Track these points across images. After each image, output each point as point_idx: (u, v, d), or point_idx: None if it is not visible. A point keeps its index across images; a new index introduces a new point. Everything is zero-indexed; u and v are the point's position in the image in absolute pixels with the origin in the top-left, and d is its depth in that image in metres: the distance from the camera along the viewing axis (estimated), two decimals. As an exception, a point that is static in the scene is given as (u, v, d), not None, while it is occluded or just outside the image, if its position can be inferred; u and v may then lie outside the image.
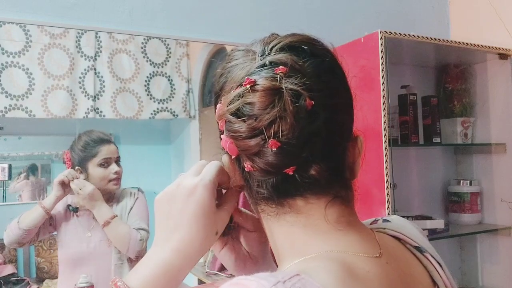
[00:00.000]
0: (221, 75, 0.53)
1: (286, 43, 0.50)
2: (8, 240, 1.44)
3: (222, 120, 0.49)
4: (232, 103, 0.47)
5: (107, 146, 1.55)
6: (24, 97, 1.50)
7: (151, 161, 1.86)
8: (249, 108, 0.46)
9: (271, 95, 0.46)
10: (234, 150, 0.48)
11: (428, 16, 2.23)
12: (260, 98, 0.46)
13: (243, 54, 0.52)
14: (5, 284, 1.58)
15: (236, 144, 0.48)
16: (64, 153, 1.58)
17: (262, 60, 0.49)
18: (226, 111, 0.48)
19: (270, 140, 0.45)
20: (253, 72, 0.48)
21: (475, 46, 1.87)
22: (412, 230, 0.58)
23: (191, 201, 0.53)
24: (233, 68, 0.51)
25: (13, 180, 1.66)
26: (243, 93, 0.47)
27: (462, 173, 2.17)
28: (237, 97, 0.47)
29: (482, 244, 2.11)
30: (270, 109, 0.45)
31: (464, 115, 2.08)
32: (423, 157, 2.14)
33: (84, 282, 1.37)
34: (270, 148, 0.45)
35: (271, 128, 0.45)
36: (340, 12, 2.00)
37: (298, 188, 0.49)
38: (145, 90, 1.70)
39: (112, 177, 1.53)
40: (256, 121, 0.46)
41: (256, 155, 0.47)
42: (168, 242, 0.53)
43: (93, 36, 1.60)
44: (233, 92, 0.48)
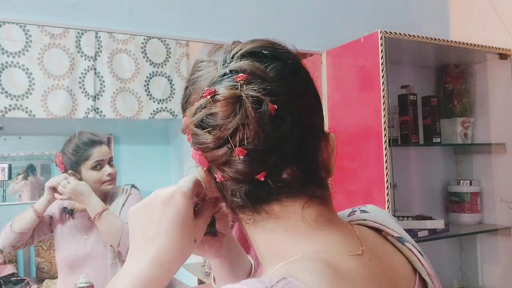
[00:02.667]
0: (186, 87, 0.53)
1: (247, 50, 0.50)
2: (3, 243, 1.43)
3: (188, 133, 0.49)
4: (195, 114, 0.47)
5: (98, 148, 1.52)
6: (24, 97, 1.50)
7: (150, 161, 1.86)
8: (212, 118, 0.46)
9: (232, 104, 0.46)
10: (204, 162, 0.49)
11: (428, 16, 2.23)
12: (221, 108, 0.46)
13: (206, 64, 0.52)
14: (5, 284, 1.58)
15: (205, 155, 0.48)
16: (56, 156, 1.56)
17: (223, 69, 0.49)
18: (190, 123, 0.48)
19: (237, 149, 0.45)
20: (215, 82, 0.48)
21: (475, 46, 1.87)
22: (389, 220, 0.59)
23: (169, 208, 0.51)
24: (197, 79, 0.52)
25: (12, 181, 1.67)
26: (205, 104, 0.47)
27: (462, 173, 2.17)
28: (200, 109, 0.47)
29: (482, 244, 2.11)
30: (232, 118, 0.46)
31: (464, 115, 2.08)
32: (423, 157, 2.14)
33: (84, 282, 1.36)
34: (238, 156, 0.46)
35: (236, 136, 0.45)
36: (340, 12, 2.00)
37: (272, 193, 0.49)
38: (145, 90, 1.70)
39: (106, 179, 1.51)
40: (220, 130, 0.46)
41: (225, 165, 0.47)
42: (146, 252, 0.52)
43: (93, 36, 1.60)
44: (196, 103, 0.48)
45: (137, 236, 0.53)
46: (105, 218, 1.44)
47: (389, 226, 0.57)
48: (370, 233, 0.56)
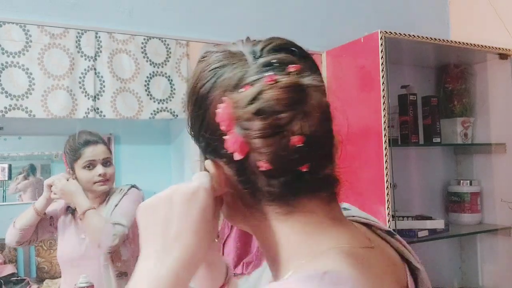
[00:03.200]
0: (205, 79, 0.52)
1: (278, 45, 0.51)
2: (8, 239, 1.47)
3: (231, 120, 0.47)
4: (252, 101, 0.46)
5: (91, 147, 1.51)
6: (24, 97, 1.50)
7: (151, 161, 1.86)
8: (273, 105, 0.45)
9: (296, 91, 0.46)
10: (244, 149, 0.47)
11: (428, 16, 2.23)
12: (284, 95, 0.45)
13: (225, 55, 0.52)
14: (5, 284, 1.58)
15: (252, 142, 0.46)
16: (62, 155, 1.58)
17: (255, 60, 0.49)
18: (243, 111, 0.46)
19: (296, 136, 0.45)
20: (258, 70, 0.48)
21: (475, 46, 1.87)
22: (369, 215, 0.61)
23: (193, 206, 0.49)
24: (220, 70, 0.51)
25: (12, 181, 1.67)
26: (263, 90, 0.46)
27: (462, 173, 2.17)
28: (255, 95, 0.46)
29: (482, 244, 2.11)
30: (296, 105, 0.45)
31: (464, 115, 2.08)
32: (423, 157, 2.14)
33: (84, 282, 1.36)
34: (294, 144, 0.45)
35: (295, 124, 0.45)
36: (340, 12, 2.00)
37: (308, 186, 0.49)
38: (145, 90, 1.70)
39: (97, 180, 1.49)
40: (280, 117, 0.45)
41: (275, 153, 0.46)
42: (170, 253, 0.48)
43: (93, 36, 1.60)
44: (247, 91, 0.47)
45: (156, 235, 0.49)
46: (88, 217, 1.44)
47: (376, 221, 0.59)
48: (363, 227, 0.58)
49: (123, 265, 1.49)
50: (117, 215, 1.49)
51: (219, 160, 0.51)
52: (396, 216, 1.65)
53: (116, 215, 1.48)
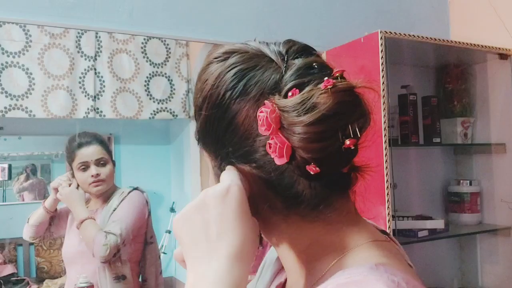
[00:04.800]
0: (230, 81, 0.49)
1: (301, 47, 0.52)
2: (24, 235, 1.55)
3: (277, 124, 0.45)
4: (306, 105, 0.44)
5: (84, 149, 1.52)
6: (24, 97, 1.50)
7: (150, 161, 1.86)
8: (331, 108, 0.44)
9: (353, 95, 0.46)
10: (289, 154, 0.45)
11: (428, 16, 2.23)
12: (342, 99, 0.45)
13: (250, 56, 0.50)
14: (5, 284, 1.58)
15: (302, 147, 0.45)
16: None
17: (286, 63, 0.49)
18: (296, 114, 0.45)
19: (350, 140, 0.45)
20: (299, 74, 0.47)
21: (475, 46, 1.86)
22: None
23: (228, 201, 0.47)
24: (248, 72, 0.49)
25: (13, 180, 1.66)
26: (320, 94, 0.45)
27: (462, 173, 2.17)
28: (308, 98, 0.45)
29: (482, 244, 2.11)
30: (354, 109, 0.46)
31: (464, 115, 2.08)
32: (423, 157, 2.14)
33: (84, 282, 1.37)
34: (348, 147, 0.45)
35: (350, 128, 0.45)
36: (340, 12, 2.00)
37: (341, 185, 0.51)
38: (145, 90, 1.70)
39: (90, 181, 1.51)
40: (337, 121, 0.45)
41: (325, 156, 0.45)
42: (216, 253, 0.46)
43: (93, 36, 1.60)
44: (297, 95, 0.45)
45: (197, 242, 0.47)
46: (83, 229, 1.47)
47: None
48: None
49: (121, 268, 1.49)
50: (111, 222, 1.49)
51: (246, 165, 0.50)
52: (396, 216, 1.65)
53: (111, 223, 1.49)
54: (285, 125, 0.45)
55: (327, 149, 0.45)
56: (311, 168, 0.45)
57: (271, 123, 0.45)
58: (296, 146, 0.45)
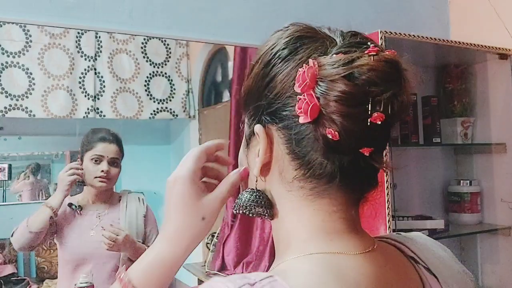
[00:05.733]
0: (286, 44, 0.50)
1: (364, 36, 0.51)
2: (19, 245, 1.43)
3: (313, 80, 0.45)
4: (345, 65, 0.44)
5: (105, 144, 1.55)
6: (24, 97, 1.50)
7: (151, 161, 1.86)
8: (367, 73, 0.43)
9: (394, 69, 0.45)
10: (316, 113, 0.45)
11: (428, 16, 2.23)
12: (383, 68, 0.44)
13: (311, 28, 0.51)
14: (5, 284, 1.58)
15: (330, 106, 0.44)
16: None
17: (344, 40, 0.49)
18: (333, 71, 0.44)
19: (377, 113, 0.43)
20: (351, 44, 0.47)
21: (475, 46, 1.86)
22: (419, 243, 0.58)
23: (173, 193, 0.57)
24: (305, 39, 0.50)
25: (13, 180, 1.67)
26: (361, 57, 0.44)
27: (462, 173, 2.17)
28: (350, 60, 0.44)
29: (482, 244, 2.11)
30: (392, 83, 0.44)
31: (464, 115, 2.08)
32: (423, 157, 2.14)
33: (84, 282, 1.37)
34: (373, 120, 0.43)
35: (381, 102, 0.43)
36: (340, 12, 2.00)
37: (354, 174, 0.48)
38: (145, 90, 1.70)
39: (98, 175, 1.53)
40: (370, 88, 0.43)
41: (349, 122, 0.44)
42: (162, 233, 0.58)
43: (93, 36, 1.60)
44: (341, 55, 0.45)
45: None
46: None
47: (408, 246, 0.56)
48: (390, 247, 0.56)
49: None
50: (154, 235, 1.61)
51: (273, 124, 0.50)
52: (396, 216, 1.65)
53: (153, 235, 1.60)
54: (319, 82, 0.44)
55: (351, 116, 0.43)
56: (330, 131, 0.44)
57: (306, 78, 0.45)
58: (325, 104, 0.44)
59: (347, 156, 0.46)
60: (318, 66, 0.45)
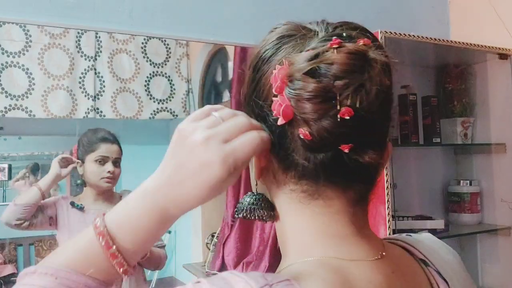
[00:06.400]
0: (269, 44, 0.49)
1: (353, 26, 0.48)
2: (7, 217, 1.46)
3: (283, 80, 0.43)
4: (310, 60, 0.42)
5: (108, 145, 1.57)
6: (24, 97, 1.50)
7: (151, 161, 1.86)
8: (329, 67, 0.42)
9: (359, 60, 0.42)
10: (289, 114, 0.44)
11: (428, 16, 2.22)
12: (347, 60, 0.42)
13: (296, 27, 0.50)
14: (5, 284, 1.58)
15: (298, 106, 0.43)
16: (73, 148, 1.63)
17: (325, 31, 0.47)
18: (297, 69, 0.43)
19: (345, 107, 0.41)
20: (325, 39, 0.45)
21: (475, 46, 1.87)
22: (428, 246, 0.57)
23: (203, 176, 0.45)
24: (287, 38, 0.49)
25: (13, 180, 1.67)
26: (324, 51, 0.43)
27: (462, 173, 2.17)
28: (314, 57, 0.43)
29: (482, 244, 2.11)
30: (357, 74, 0.42)
31: (464, 115, 2.08)
32: (423, 157, 2.14)
33: (84, 282, 1.37)
34: (341, 116, 0.42)
35: (349, 94, 0.41)
36: (340, 12, 2.00)
37: (342, 172, 0.46)
38: (145, 90, 1.70)
39: (105, 175, 1.54)
40: (334, 83, 0.41)
41: (319, 121, 0.42)
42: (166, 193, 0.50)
43: (93, 36, 1.60)
44: (308, 52, 0.44)
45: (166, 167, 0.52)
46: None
47: (418, 248, 0.55)
48: (399, 250, 0.55)
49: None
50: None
51: (264, 127, 0.49)
52: (396, 216, 1.65)
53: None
54: (288, 82, 0.43)
55: (320, 113, 0.42)
56: (302, 132, 0.43)
57: (277, 79, 0.44)
58: (293, 104, 0.43)
59: (327, 154, 0.45)
60: (288, 65, 0.44)
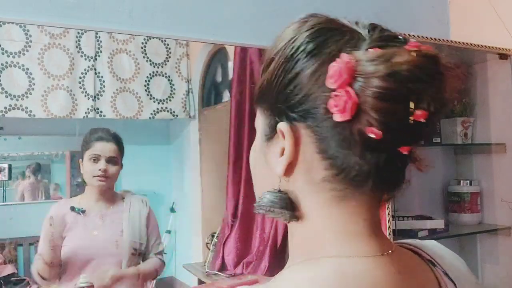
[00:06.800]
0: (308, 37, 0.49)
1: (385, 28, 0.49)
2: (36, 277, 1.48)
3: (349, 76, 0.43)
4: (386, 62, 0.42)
5: (102, 143, 1.56)
6: (24, 97, 1.50)
7: (151, 161, 1.86)
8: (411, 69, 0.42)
9: (435, 65, 0.44)
10: (353, 111, 0.43)
11: (428, 16, 2.23)
12: (426, 64, 0.43)
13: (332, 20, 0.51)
14: (5, 284, 1.58)
15: (371, 104, 0.42)
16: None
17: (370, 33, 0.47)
18: (373, 68, 0.42)
19: (421, 111, 0.42)
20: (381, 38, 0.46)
21: (475, 46, 1.87)
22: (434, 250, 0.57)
23: None
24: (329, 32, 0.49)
25: (14, 180, 1.66)
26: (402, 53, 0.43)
27: (462, 173, 2.17)
28: (391, 56, 0.43)
29: (482, 244, 2.11)
30: (435, 78, 0.43)
31: (464, 115, 2.08)
32: (423, 157, 2.14)
33: (84, 282, 1.37)
34: (415, 118, 0.42)
35: (425, 98, 0.42)
36: (340, 12, 2.00)
37: (388, 174, 0.46)
38: (145, 90, 1.70)
39: (96, 174, 1.54)
40: (414, 85, 0.42)
41: (392, 121, 0.42)
42: None
43: (93, 36, 1.60)
44: (378, 51, 0.44)
45: None
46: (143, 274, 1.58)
47: (424, 250, 0.55)
48: (407, 252, 0.54)
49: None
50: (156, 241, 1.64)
51: (300, 122, 0.47)
52: (396, 216, 1.65)
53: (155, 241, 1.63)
54: (357, 77, 0.43)
55: (395, 113, 0.42)
56: (373, 130, 0.42)
57: (342, 73, 0.43)
58: (364, 101, 0.42)
59: (385, 155, 0.45)
60: (354, 61, 0.43)
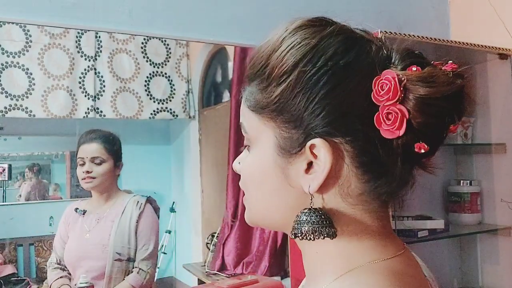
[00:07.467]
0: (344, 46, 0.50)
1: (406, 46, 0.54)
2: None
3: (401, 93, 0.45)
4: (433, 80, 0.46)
5: (84, 146, 1.57)
6: (24, 97, 1.50)
7: (151, 161, 1.86)
8: (456, 90, 0.47)
9: (465, 87, 0.49)
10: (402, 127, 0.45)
11: (428, 16, 2.22)
12: (462, 86, 0.48)
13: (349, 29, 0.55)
14: (5, 284, 1.58)
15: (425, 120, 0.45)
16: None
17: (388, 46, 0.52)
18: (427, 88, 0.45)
19: (454, 125, 0.48)
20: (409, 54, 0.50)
21: (475, 46, 1.86)
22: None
23: None
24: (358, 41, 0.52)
25: (14, 181, 1.66)
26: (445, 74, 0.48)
27: (462, 173, 2.17)
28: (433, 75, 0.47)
29: (482, 244, 2.11)
30: (465, 95, 0.49)
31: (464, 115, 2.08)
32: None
33: (84, 282, 1.37)
34: (453, 130, 0.48)
35: (459, 113, 0.48)
36: (340, 12, 2.00)
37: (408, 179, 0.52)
38: (145, 90, 1.70)
39: (82, 176, 1.55)
40: (453, 103, 0.47)
41: (437, 137, 0.47)
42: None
43: (93, 36, 1.60)
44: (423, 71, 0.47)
45: None
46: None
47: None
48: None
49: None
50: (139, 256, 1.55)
51: (337, 137, 0.47)
52: (396, 216, 1.65)
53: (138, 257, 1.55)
54: (408, 95, 0.45)
55: (438, 128, 0.47)
56: (422, 146, 0.46)
57: (398, 91, 0.45)
58: (414, 117, 0.45)
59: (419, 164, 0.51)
60: (406, 79, 0.46)
